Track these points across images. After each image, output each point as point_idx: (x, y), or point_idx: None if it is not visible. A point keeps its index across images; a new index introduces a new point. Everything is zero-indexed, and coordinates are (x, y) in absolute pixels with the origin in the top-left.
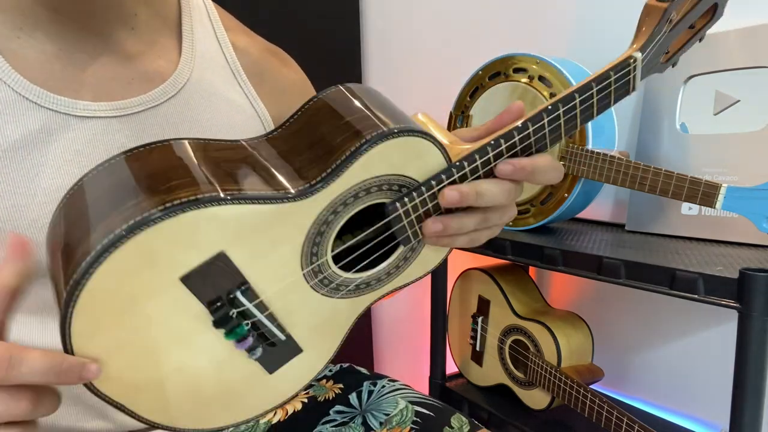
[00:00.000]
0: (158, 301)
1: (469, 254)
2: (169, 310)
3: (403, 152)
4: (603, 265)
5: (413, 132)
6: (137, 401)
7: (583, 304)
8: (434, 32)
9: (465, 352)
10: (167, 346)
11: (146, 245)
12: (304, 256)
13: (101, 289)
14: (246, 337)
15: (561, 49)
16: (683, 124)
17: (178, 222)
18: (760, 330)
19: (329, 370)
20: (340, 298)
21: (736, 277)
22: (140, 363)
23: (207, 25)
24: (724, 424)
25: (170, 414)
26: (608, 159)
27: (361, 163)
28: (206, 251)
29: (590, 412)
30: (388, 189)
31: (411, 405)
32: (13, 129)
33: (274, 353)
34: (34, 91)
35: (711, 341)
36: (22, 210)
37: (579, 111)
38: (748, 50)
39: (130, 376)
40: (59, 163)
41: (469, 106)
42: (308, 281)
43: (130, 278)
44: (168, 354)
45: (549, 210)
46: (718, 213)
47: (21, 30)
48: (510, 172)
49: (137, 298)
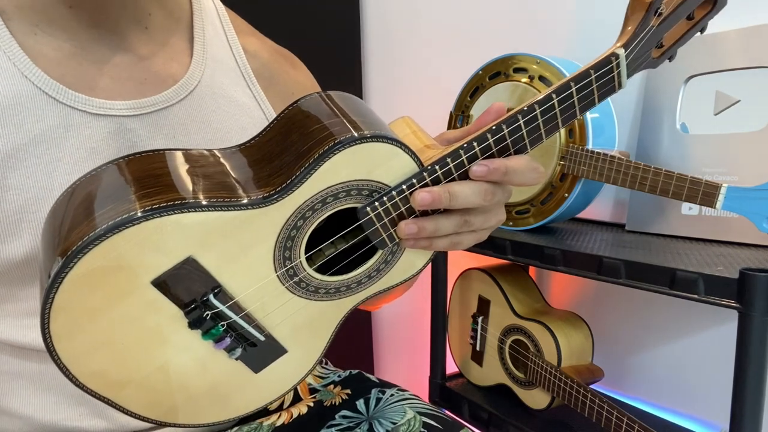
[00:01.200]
0: (132, 302)
1: (469, 254)
2: (144, 311)
3: (369, 157)
4: (603, 265)
5: (379, 138)
6: (124, 397)
7: (583, 304)
8: (434, 32)
9: (465, 352)
10: (147, 346)
11: (115, 251)
12: (276, 260)
13: (74, 291)
14: (223, 337)
15: (561, 49)
16: (683, 124)
17: (144, 229)
18: (760, 330)
19: (338, 375)
20: (321, 300)
21: (736, 277)
22: (123, 360)
23: (218, 27)
24: (724, 424)
25: (161, 409)
26: (608, 159)
27: (326, 168)
28: (174, 256)
29: (590, 412)
30: (358, 194)
31: (419, 416)
32: (33, 123)
33: (257, 353)
34: (54, 87)
35: (711, 341)
36: (40, 203)
37: (558, 111)
38: (748, 50)
39: (114, 372)
40: (75, 158)
41: (470, 106)
42: (283, 283)
43: (102, 282)
44: (149, 352)
45: (549, 210)
46: (718, 213)
47: (37, 27)
48: (483, 174)
49: (112, 300)
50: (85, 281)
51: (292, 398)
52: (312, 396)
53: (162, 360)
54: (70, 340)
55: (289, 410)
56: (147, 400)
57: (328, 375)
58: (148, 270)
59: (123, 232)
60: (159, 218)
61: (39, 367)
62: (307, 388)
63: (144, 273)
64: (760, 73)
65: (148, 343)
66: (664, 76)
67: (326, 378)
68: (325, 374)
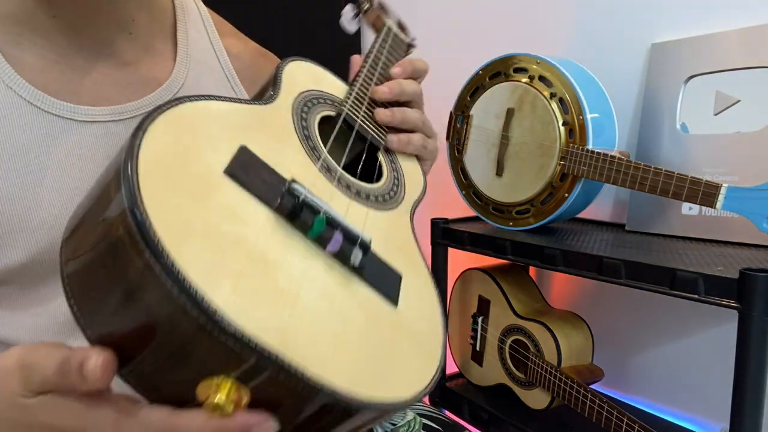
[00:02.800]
0: (223, 194)
1: (469, 254)
2: (231, 214)
3: (311, 72)
4: (603, 265)
5: (312, 60)
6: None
7: (583, 304)
8: (434, 32)
9: (465, 352)
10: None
11: (170, 132)
12: (307, 151)
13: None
14: (331, 234)
15: (561, 49)
16: (683, 124)
17: (183, 112)
18: (760, 330)
19: None
20: (376, 209)
21: (736, 277)
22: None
23: (201, 30)
24: (724, 424)
25: (288, 338)
26: (608, 159)
27: (286, 75)
28: (227, 144)
29: (590, 412)
30: (324, 103)
31: (419, 417)
32: (20, 134)
33: (377, 270)
34: (39, 97)
35: (711, 341)
36: (31, 212)
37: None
38: (748, 50)
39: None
40: (63, 166)
41: (470, 106)
42: (330, 182)
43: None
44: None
45: (549, 210)
46: (718, 213)
47: (21, 36)
48: (401, 70)
49: (202, 185)
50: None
51: None
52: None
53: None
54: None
55: None
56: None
57: None
58: (213, 158)
59: (165, 113)
60: (190, 102)
61: None
62: None
63: (213, 162)
64: (760, 73)
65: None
66: (664, 76)
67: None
68: None
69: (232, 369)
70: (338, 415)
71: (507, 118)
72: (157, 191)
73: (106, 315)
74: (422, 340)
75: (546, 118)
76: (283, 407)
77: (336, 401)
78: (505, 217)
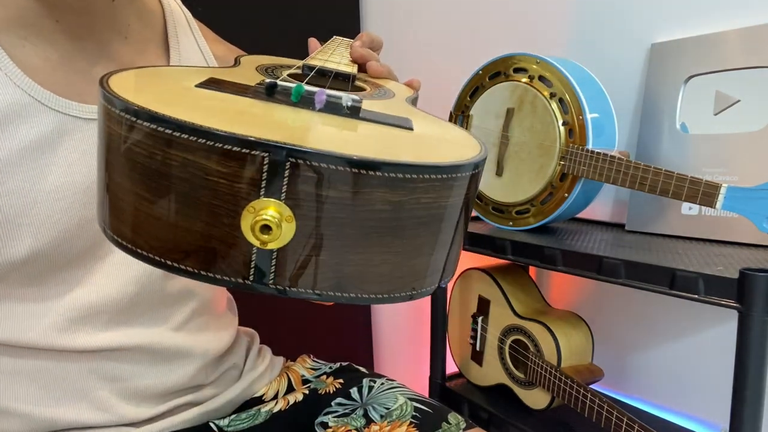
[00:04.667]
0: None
1: (469, 254)
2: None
3: (266, 57)
4: (603, 265)
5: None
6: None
7: (583, 304)
8: (434, 32)
9: (465, 351)
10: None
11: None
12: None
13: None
14: (312, 94)
15: (561, 49)
16: (683, 124)
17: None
18: (760, 330)
19: (329, 367)
20: (367, 99)
21: (736, 277)
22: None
23: (190, 36)
24: (724, 424)
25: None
26: (608, 159)
27: (245, 60)
28: (196, 77)
29: (590, 412)
30: (288, 68)
31: (410, 401)
32: (28, 131)
33: (379, 116)
34: (46, 95)
35: (711, 341)
36: (37, 206)
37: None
38: (748, 50)
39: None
40: (69, 161)
41: (470, 106)
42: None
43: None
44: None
45: (549, 210)
46: (718, 213)
47: (26, 39)
48: (360, 43)
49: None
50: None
51: (286, 387)
52: (305, 386)
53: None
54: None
55: (285, 398)
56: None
57: (319, 367)
58: (184, 81)
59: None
60: (154, 68)
61: (39, 364)
62: (300, 378)
63: (182, 81)
64: (760, 73)
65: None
66: (664, 75)
67: (318, 370)
68: (316, 366)
69: (258, 185)
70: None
71: (507, 118)
72: (133, 93)
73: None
74: (458, 141)
75: (546, 118)
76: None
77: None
78: (504, 216)
